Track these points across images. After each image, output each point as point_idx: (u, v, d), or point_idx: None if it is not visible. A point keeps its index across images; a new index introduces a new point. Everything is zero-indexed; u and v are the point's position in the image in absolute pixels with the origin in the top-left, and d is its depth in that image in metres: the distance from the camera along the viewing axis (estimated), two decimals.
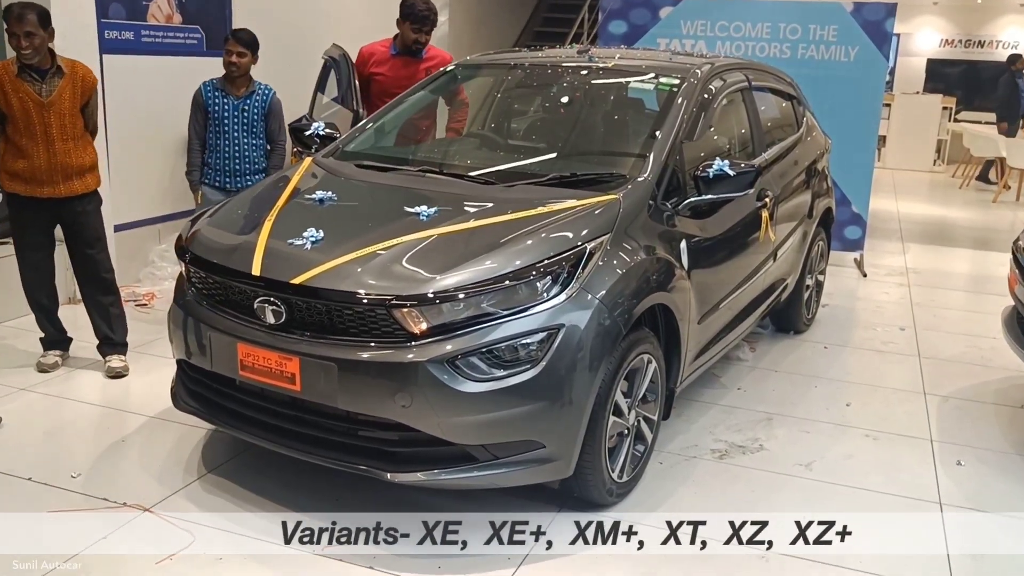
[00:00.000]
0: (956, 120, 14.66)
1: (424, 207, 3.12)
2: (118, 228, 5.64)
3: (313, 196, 3.34)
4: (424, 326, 2.73)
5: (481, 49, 10.66)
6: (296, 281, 2.82)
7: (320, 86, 5.38)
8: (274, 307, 2.86)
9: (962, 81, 16.22)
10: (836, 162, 5.74)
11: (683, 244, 3.47)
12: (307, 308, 2.83)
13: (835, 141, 5.73)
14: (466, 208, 3.17)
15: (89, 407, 3.97)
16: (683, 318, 3.43)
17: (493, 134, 4.35)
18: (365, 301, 2.74)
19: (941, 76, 16.23)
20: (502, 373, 2.74)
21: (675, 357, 3.49)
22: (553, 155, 3.82)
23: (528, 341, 2.77)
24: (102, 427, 3.78)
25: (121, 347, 4.32)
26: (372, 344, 2.75)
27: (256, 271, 2.91)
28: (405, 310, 2.72)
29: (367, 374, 2.73)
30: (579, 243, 2.96)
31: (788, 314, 5.22)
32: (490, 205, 3.18)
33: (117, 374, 4.22)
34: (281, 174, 3.78)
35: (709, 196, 3.49)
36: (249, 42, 4.91)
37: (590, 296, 2.89)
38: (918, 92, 15.44)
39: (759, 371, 4.72)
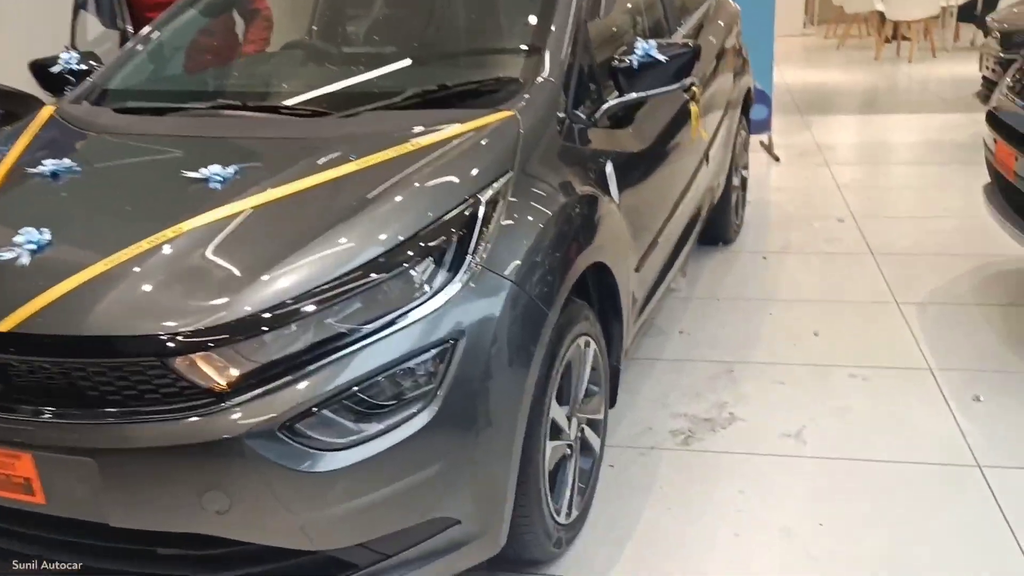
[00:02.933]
0: None
1: (216, 167, 1.98)
2: None
3: (43, 169, 2.13)
4: (234, 374, 1.64)
5: None
6: (4, 328, 1.67)
7: (81, 3, 3.98)
8: None
9: None
10: None
11: (609, 167, 2.45)
12: (32, 370, 1.69)
13: None
14: (284, 160, 2.05)
15: None
16: (622, 272, 2.44)
17: (321, 42, 3.16)
18: (123, 349, 1.62)
19: None
20: (377, 428, 1.69)
21: (615, 325, 2.52)
22: (409, 62, 2.68)
23: (413, 366, 1.72)
24: None
25: None
26: (149, 417, 1.64)
27: None
28: (196, 355, 1.62)
29: (147, 470, 1.63)
30: (467, 196, 1.90)
31: (716, 222, 4.31)
32: (322, 151, 2.07)
33: None
34: (6, 134, 2.52)
35: (636, 94, 2.47)
36: None
37: (497, 275, 1.85)
38: None
39: (698, 303, 3.82)
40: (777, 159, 6.14)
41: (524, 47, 2.49)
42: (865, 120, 7.58)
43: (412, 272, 1.77)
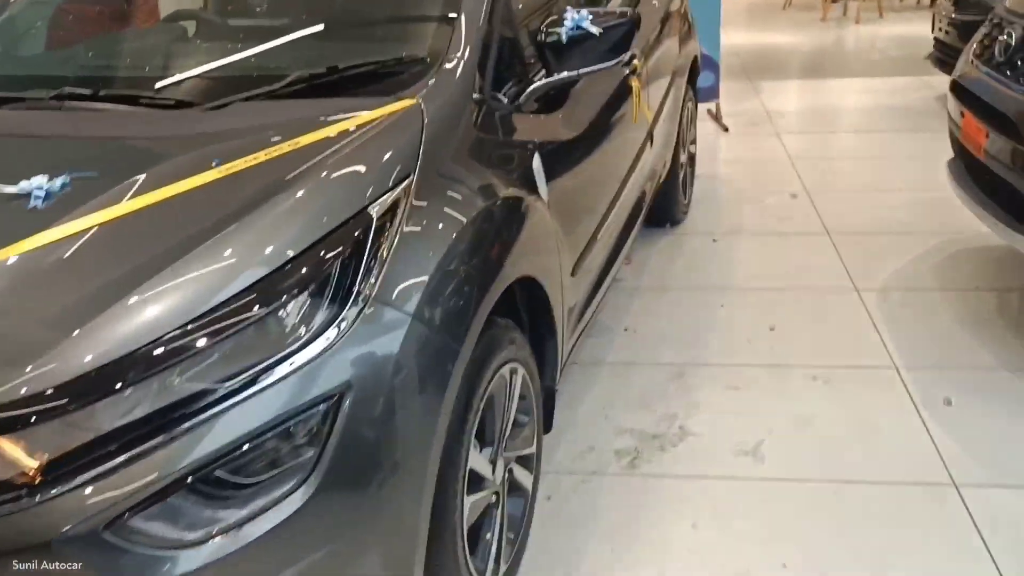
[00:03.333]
0: None
1: (41, 179, 1.59)
2: None
3: None
4: (45, 459, 1.27)
5: None
6: None
7: None
8: None
9: None
10: None
11: (536, 160, 2.10)
12: None
13: None
14: (130, 167, 1.66)
15: None
16: (554, 283, 2.11)
17: (208, 14, 2.74)
18: None
19: None
20: (240, 514, 1.33)
21: (549, 342, 2.20)
22: (297, 38, 2.29)
23: (287, 432, 1.37)
24: None
25: None
26: None
27: None
28: None
29: None
30: (354, 211, 1.54)
31: (663, 203, 4.00)
32: (178, 154, 1.69)
33: None
34: None
35: (567, 73, 2.12)
36: None
37: (392, 308, 1.50)
38: None
39: (645, 294, 3.52)
40: (726, 129, 5.85)
41: (432, 20, 2.12)
42: (816, 85, 7.32)
43: (284, 311, 1.41)
